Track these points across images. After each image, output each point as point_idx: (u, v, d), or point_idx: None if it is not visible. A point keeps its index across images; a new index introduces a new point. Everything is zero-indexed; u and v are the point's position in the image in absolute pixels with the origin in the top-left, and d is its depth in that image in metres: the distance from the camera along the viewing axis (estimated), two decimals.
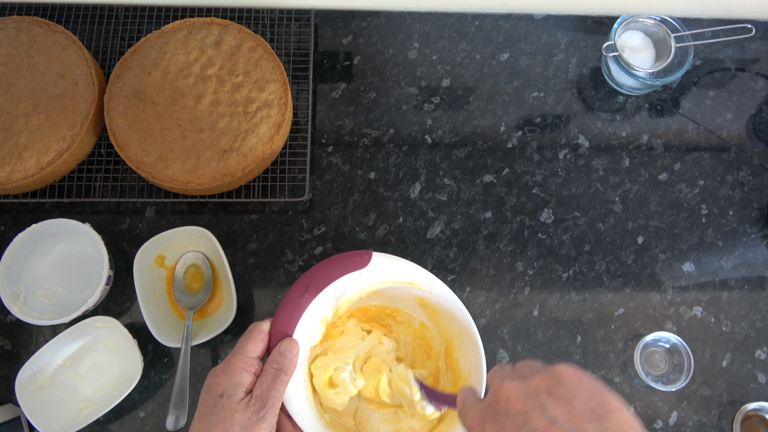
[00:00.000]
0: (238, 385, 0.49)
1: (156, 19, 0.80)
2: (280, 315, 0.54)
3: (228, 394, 0.48)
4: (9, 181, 0.69)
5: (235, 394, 0.49)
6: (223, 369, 0.50)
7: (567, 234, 0.77)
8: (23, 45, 0.73)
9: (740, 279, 0.76)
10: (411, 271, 0.59)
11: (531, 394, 0.39)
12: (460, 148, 0.79)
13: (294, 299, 0.55)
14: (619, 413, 0.37)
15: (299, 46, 0.80)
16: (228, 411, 0.48)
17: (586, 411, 0.37)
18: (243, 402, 0.48)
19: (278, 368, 0.51)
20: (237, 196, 0.75)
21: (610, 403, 0.38)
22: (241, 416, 0.47)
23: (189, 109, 0.72)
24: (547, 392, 0.39)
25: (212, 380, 0.50)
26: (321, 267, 0.57)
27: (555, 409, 0.38)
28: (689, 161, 0.80)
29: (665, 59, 0.78)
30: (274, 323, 0.54)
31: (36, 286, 0.70)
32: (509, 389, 0.40)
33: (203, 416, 0.48)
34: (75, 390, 0.68)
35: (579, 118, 0.81)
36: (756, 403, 0.69)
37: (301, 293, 0.55)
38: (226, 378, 0.49)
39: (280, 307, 0.55)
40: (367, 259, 0.57)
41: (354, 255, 0.57)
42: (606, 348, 0.73)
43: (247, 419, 0.47)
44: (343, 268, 0.57)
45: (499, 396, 0.40)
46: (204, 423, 0.48)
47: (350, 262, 0.57)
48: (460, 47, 0.83)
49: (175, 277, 0.71)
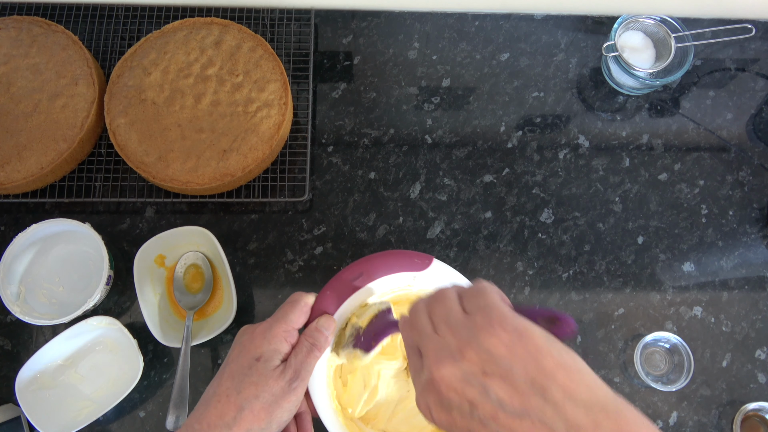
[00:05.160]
0: (276, 352, 0.49)
1: (156, 19, 0.80)
2: (327, 293, 0.54)
3: (265, 359, 0.48)
4: (9, 181, 0.69)
5: (272, 360, 0.48)
6: (264, 332, 0.49)
7: (567, 234, 0.77)
8: (23, 45, 0.73)
9: (740, 279, 0.76)
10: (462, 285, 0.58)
11: (468, 378, 0.37)
12: (460, 148, 0.79)
13: (345, 281, 0.54)
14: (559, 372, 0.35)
15: (299, 46, 0.80)
16: (263, 376, 0.47)
17: (527, 384, 0.35)
18: (278, 370, 0.48)
19: (313, 343, 0.50)
20: (237, 196, 0.75)
21: (546, 363, 0.35)
22: (275, 384, 0.47)
23: (189, 108, 0.72)
24: (483, 372, 0.37)
25: (249, 341, 0.49)
26: (379, 257, 0.56)
27: (497, 390, 0.36)
28: (689, 161, 0.80)
29: (665, 59, 0.78)
30: (319, 299, 0.53)
31: (36, 286, 0.70)
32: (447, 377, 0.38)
33: (234, 375, 0.48)
34: (75, 390, 0.68)
35: (579, 118, 0.81)
36: (756, 403, 0.69)
37: (354, 277, 0.55)
38: (266, 342, 0.49)
39: (329, 285, 0.54)
40: (427, 264, 0.56)
41: (415, 256, 0.57)
42: (606, 348, 0.73)
43: (279, 388, 0.47)
44: (400, 265, 0.56)
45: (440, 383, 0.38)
46: (235, 382, 0.47)
47: (409, 262, 0.56)
48: (460, 47, 0.83)
49: (175, 277, 0.71)
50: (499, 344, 0.37)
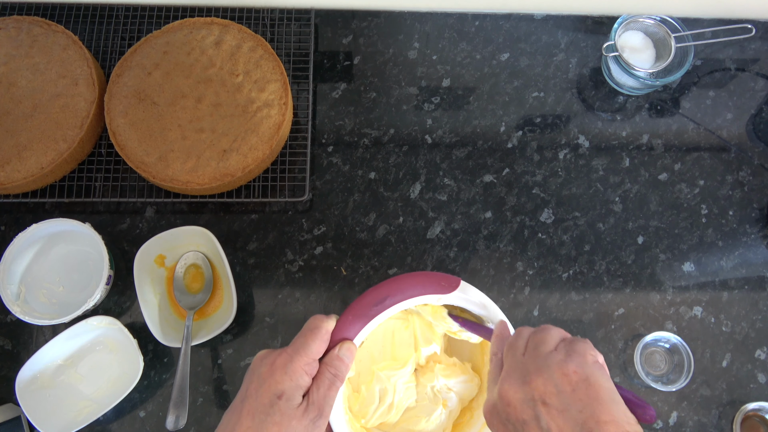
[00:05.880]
0: (298, 388, 0.47)
1: (156, 19, 0.80)
2: (349, 318, 0.52)
3: (287, 398, 0.46)
4: (9, 181, 0.69)
5: (294, 397, 0.46)
6: (284, 366, 0.47)
7: (567, 234, 0.77)
8: (23, 45, 0.73)
9: (740, 279, 0.76)
10: (489, 308, 0.57)
11: (529, 402, 0.42)
12: (460, 148, 0.79)
13: (368, 306, 0.52)
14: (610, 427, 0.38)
15: (299, 46, 0.80)
16: (285, 416, 0.45)
17: (576, 425, 0.39)
18: (300, 408, 0.46)
19: (335, 374, 0.49)
20: (237, 196, 0.75)
21: (602, 415, 0.39)
22: (298, 424, 0.45)
23: (189, 109, 0.72)
24: (542, 402, 0.41)
25: (269, 374, 0.47)
26: (405, 279, 0.54)
27: (549, 420, 0.40)
28: (689, 161, 0.80)
29: (665, 59, 0.78)
30: (340, 324, 0.51)
31: (36, 286, 0.70)
32: (511, 395, 0.43)
33: (255, 413, 0.45)
34: (75, 390, 0.68)
35: (579, 118, 0.81)
36: (756, 403, 0.69)
37: (377, 302, 0.53)
38: (287, 378, 0.46)
39: (351, 310, 0.52)
40: (454, 286, 0.55)
41: (442, 279, 0.55)
42: (606, 348, 0.73)
43: (303, 427, 0.45)
44: (426, 288, 0.54)
45: (504, 398, 0.44)
46: (256, 422, 0.45)
47: (436, 285, 0.55)
48: (460, 47, 0.83)
49: (175, 277, 0.71)
50: (566, 382, 0.41)
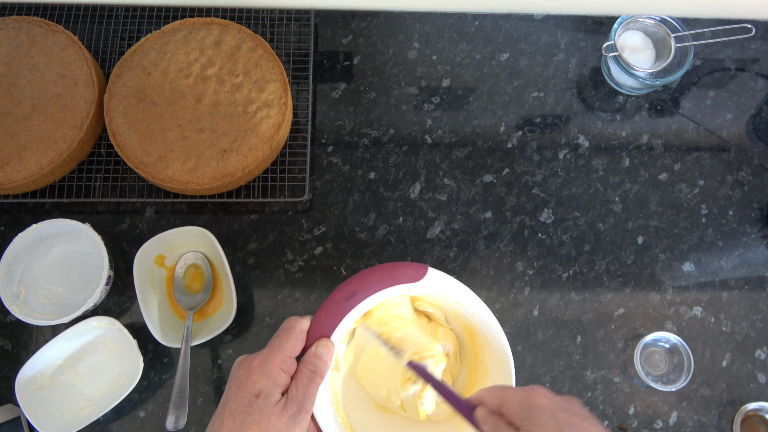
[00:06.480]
0: (276, 386, 0.47)
1: (156, 19, 0.80)
2: (321, 316, 0.52)
3: (265, 395, 0.46)
4: (9, 181, 0.69)
5: (272, 395, 0.47)
6: (260, 366, 0.48)
7: (567, 234, 0.77)
8: (23, 45, 0.73)
9: (740, 279, 0.76)
10: (460, 292, 0.57)
11: None
12: (460, 148, 0.79)
13: (338, 302, 0.53)
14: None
15: (299, 46, 0.80)
16: (264, 414, 0.46)
17: None
18: (279, 405, 0.47)
19: (314, 371, 0.49)
20: (237, 196, 0.75)
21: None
22: (278, 420, 0.46)
23: (189, 109, 0.72)
24: None
25: (246, 375, 0.47)
26: (372, 272, 0.54)
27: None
28: (689, 161, 0.80)
29: (665, 59, 0.78)
30: (314, 323, 0.52)
31: (36, 286, 0.70)
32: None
33: (235, 414, 0.46)
34: (75, 390, 0.68)
35: (579, 118, 0.81)
36: (756, 403, 0.69)
37: (347, 297, 0.53)
38: (264, 377, 0.47)
39: (323, 308, 0.53)
40: (422, 274, 0.55)
41: (409, 267, 0.55)
42: (606, 348, 0.73)
43: (283, 424, 0.46)
44: (394, 279, 0.54)
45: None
46: (237, 422, 0.46)
47: (404, 274, 0.55)
48: (460, 47, 0.83)
49: (175, 277, 0.71)
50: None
